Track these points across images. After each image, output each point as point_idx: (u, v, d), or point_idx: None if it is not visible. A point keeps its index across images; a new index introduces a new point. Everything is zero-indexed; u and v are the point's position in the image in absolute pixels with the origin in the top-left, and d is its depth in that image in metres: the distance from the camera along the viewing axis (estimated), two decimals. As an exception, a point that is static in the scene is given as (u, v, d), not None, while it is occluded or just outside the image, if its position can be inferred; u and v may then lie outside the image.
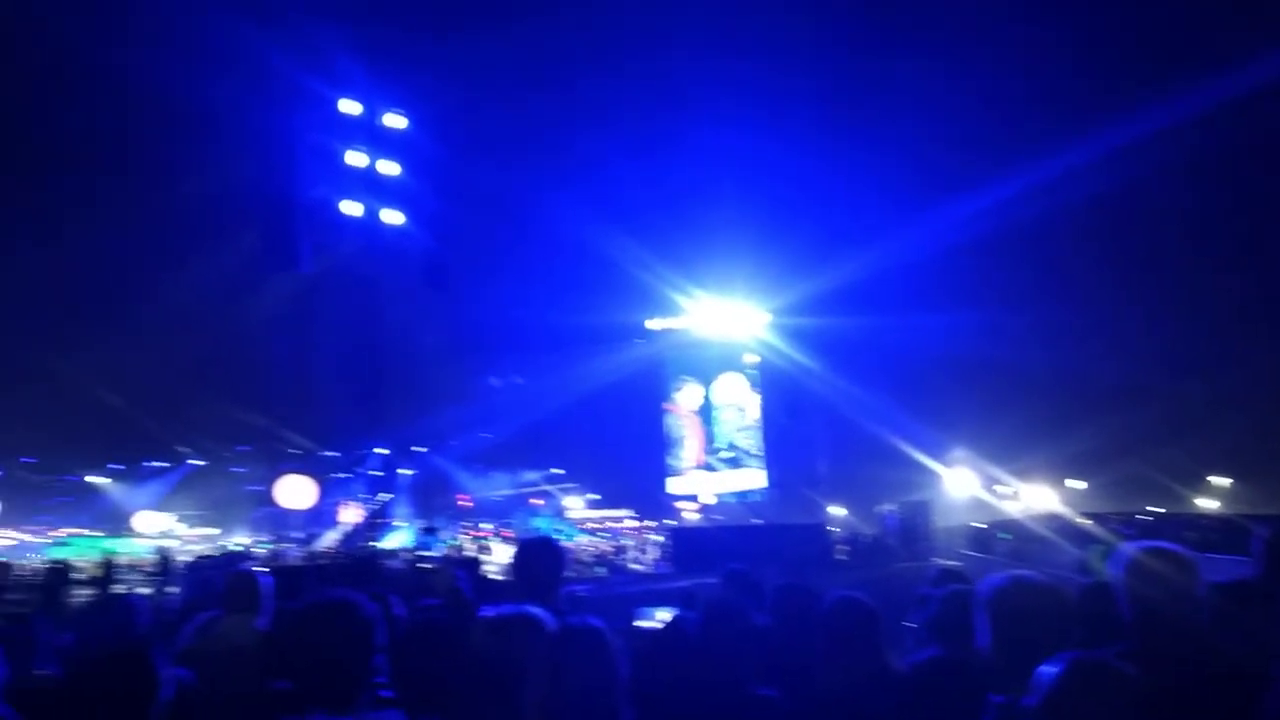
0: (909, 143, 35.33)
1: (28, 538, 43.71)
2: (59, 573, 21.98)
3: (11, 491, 42.29)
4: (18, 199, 34.54)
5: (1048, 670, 2.15)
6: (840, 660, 3.43)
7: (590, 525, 38.24)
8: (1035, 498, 35.24)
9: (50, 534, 44.49)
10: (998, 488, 35.47)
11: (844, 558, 24.21)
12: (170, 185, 31.26)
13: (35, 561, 28.02)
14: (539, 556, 3.76)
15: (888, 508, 25.68)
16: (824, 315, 33.54)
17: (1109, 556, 2.96)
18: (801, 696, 3.27)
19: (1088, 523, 20.66)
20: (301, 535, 29.33)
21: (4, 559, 26.56)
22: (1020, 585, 2.72)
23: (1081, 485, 38.64)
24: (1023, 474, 35.49)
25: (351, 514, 27.41)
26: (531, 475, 43.76)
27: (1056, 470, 36.99)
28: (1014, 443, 34.10)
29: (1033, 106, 34.77)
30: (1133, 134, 27.79)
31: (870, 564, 21.69)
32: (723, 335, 35.13)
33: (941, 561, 19.83)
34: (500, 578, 20.29)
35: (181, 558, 27.14)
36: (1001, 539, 24.06)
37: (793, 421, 34.24)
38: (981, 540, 25.08)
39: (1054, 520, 22.40)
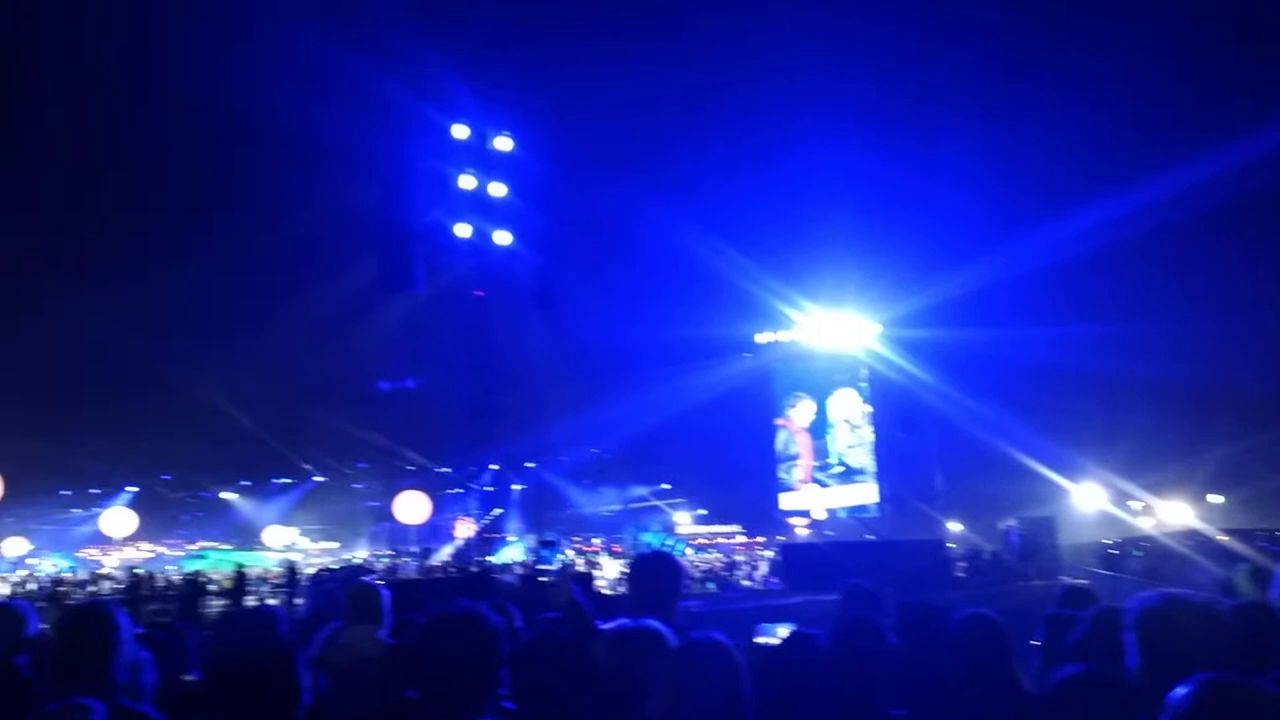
0: (1025, 153, 34.06)
1: (164, 550, 46.23)
2: (195, 584, 23.17)
3: (150, 506, 44.65)
4: (150, 231, 36.80)
5: (1179, 691, 2.02)
6: (972, 680, 3.30)
7: (700, 541, 38.11)
8: (1170, 513, 33.47)
9: (187, 547, 46.93)
10: (1130, 503, 33.83)
11: (962, 575, 23.48)
12: (295, 213, 32.79)
13: (172, 573, 29.49)
14: (656, 571, 3.74)
15: (1009, 523, 24.75)
16: (937, 326, 32.68)
17: (1259, 576, 2.78)
18: (933, 718, 3.15)
19: (1228, 539, 19.49)
20: (417, 550, 30.14)
21: (146, 570, 28.16)
22: (1173, 604, 2.57)
23: (1220, 500, 36.51)
24: (1156, 489, 33.75)
25: (466, 529, 28.00)
26: (640, 490, 43.95)
27: (1193, 484, 35.04)
28: (1146, 457, 32.47)
29: (1168, 108, 33.16)
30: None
31: (990, 581, 20.96)
32: (832, 347, 34.59)
33: (1068, 579, 19.01)
34: (609, 592, 20.43)
35: (306, 570, 28.20)
36: (1134, 556, 22.93)
37: (906, 435, 33.38)
38: (1111, 557, 23.95)
39: (1192, 537, 21.21)
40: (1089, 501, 33.77)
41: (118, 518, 38.88)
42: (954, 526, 34.34)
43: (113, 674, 2.77)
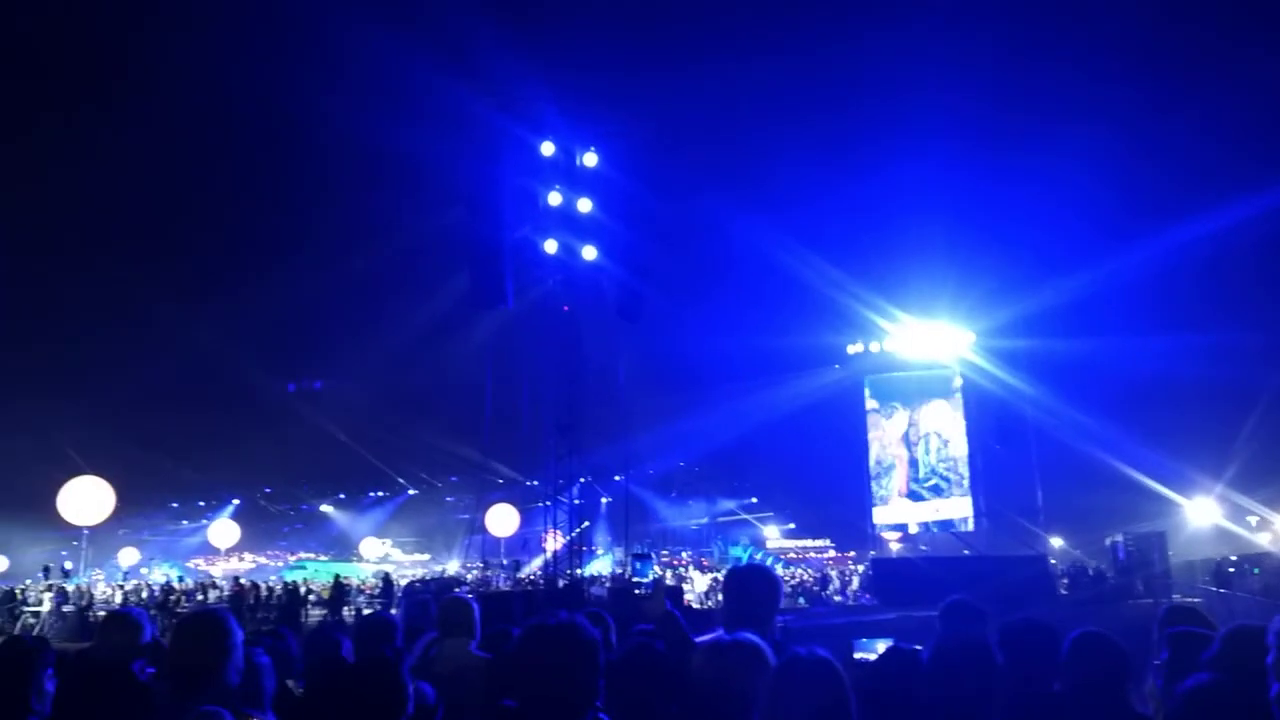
0: (1131, 160, 32.73)
1: (265, 561, 47.90)
2: (295, 594, 23.88)
3: (253, 519, 46.33)
4: (253, 252, 38.31)
5: None
6: (1081, 699, 3.15)
7: (790, 555, 37.66)
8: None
9: (288, 558, 48.51)
10: (1248, 518, 32.17)
11: (1065, 591, 22.67)
12: (390, 231, 33.80)
13: (274, 583, 30.44)
14: (754, 585, 3.67)
15: (1116, 538, 23.77)
16: (1034, 336, 31.58)
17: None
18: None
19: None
20: (507, 562, 30.50)
21: (250, 580, 29.16)
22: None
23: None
24: (1274, 503, 32.00)
25: (555, 541, 28.23)
26: (728, 504, 43.68)
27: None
28: (1263, 469, 30.81)
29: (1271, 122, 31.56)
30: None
31: (1095, 598, 20.18)
32: (924, 358, 33.80)
33: (1179, 597, 18.15)
34: (698, 606, 20.31)
35: (400, 581, 28.81)
36: (1254, 574, 21.77)
37: (1003, 447, 32.34)
38: (1226, 574, 22.78)
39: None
40: (1202, 516, 32.22)
41: (223, 529, 40.46)
42: (1055, 541, 33.18)
43: (226, 678, 2.86)
